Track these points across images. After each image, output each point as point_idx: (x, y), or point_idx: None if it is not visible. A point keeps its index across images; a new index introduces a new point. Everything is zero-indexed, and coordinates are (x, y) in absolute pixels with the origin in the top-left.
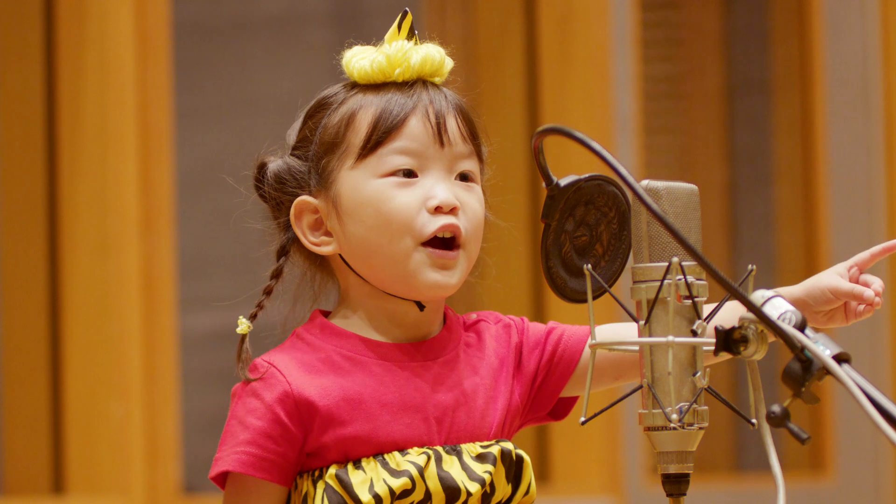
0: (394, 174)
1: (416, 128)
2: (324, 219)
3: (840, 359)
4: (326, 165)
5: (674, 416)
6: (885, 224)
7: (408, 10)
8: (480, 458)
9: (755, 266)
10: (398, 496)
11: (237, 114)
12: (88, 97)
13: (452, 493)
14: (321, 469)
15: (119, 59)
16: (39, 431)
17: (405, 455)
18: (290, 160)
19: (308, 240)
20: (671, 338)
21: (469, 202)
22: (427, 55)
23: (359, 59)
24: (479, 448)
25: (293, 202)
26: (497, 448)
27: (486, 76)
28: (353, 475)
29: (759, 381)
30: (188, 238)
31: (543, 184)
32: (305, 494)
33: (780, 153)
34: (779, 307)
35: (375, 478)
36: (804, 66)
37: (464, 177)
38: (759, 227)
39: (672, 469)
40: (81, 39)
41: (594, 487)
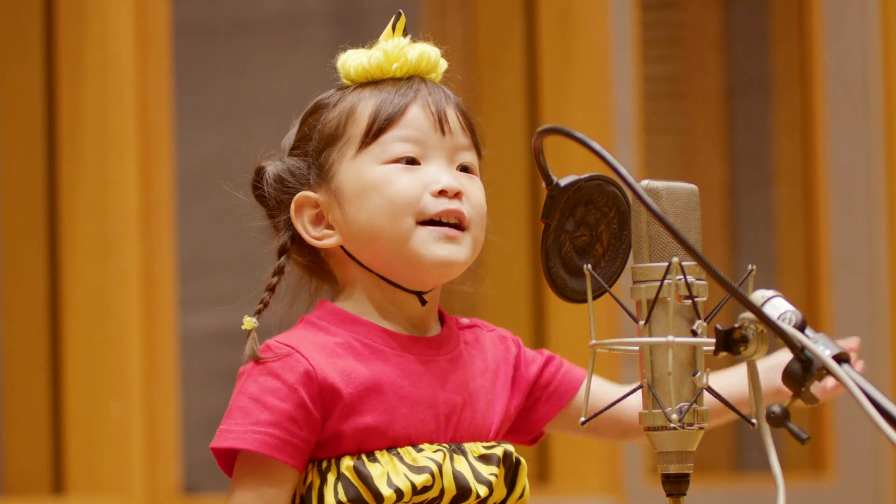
0: (396, 161)
1: (417, 116)
2: (325, 212)
3: (840, 359)
4: (327, 158)
5: (674, 416)
6: (885, 224)
7: (401, 12)
8: (484, 459)
9: (755, 266)
10: (418, 491)
11: (237, 114)
12: (88, 97)
13: (463, 493)
14: (329, 460)
15: (119, 59)
16: (39, 431)
17: (420, 451)
18: (289, 160)
19: (310, 234)
20: (671, 338)
21: (472, 189)
22: (423, 52)
23: (354, 59)
24: (482, 448)
25: (293, 199)
26: (500, 450)
27: (486, 76)
28: (371, 468)
29: (759, 381)
30: (188, 238)
31: (543, 184)
32: (310, 485)
33: (780, 153)
34: (779, 307)
35: (393, 472)
36: (804, 66)
37: (464, 168)
38: (759, 227)
39: (672, 469)
40: (81, 39)
41: (594, 487)
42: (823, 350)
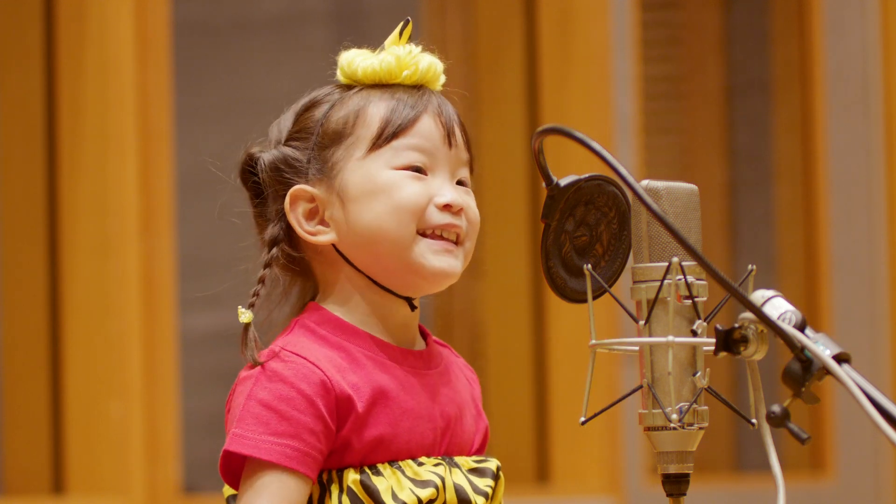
0: (406, 168)
1: (429, 127)
2: (321, 208)
3: (840, 359)
4: (332, 155)
5: (674, 416)
6: (885, 224)
7: (409, 19)
8: (478, 472)
9: (755, 266)
10: None
11: (237, 114)
12: (88, 97)
13: None
14: (330, 472)
15: (119, 59)
16: (39, 431)
17: (420, 465)
18: (287, 149)
19: (304, 228)
20: (671, 338)
21: (470, 206)
22: (432, 63)
23: (364, 59)
24: (472, 462)
25: (286, 191)
26: (493, 465)
27: (486, 76)
28: (377, 482)
29: (759, 381)
30: (188, 238)
31: (543, 184)
32: (310, 497)
33: (780, 153)
34: (779, 307)
35: (397, 486)
36: (804, 66)
37: (460, 183)
38: (759, 227)
39: (672, 469)
40: (81, 39)
41: (594, 487)
42: (823, 350)
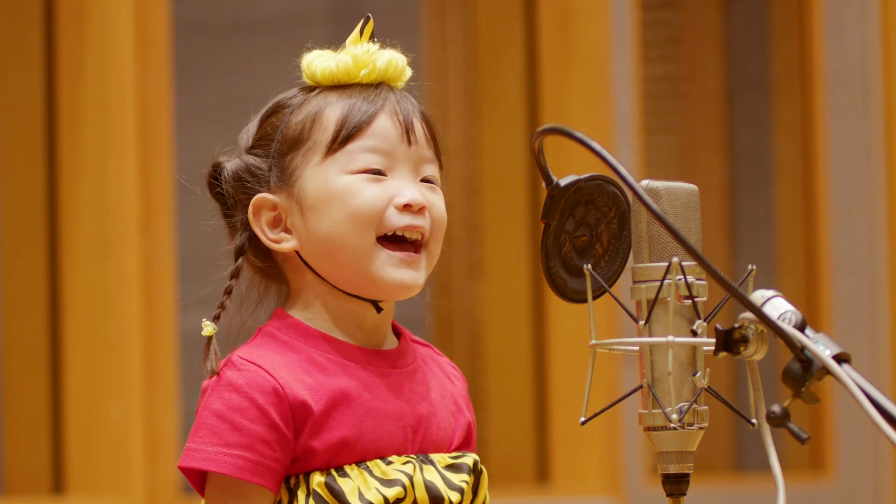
0: (362, 172)
1: (385, 125)
2: (283, 215)
3: (840, 359)
4: (290, 162)
5: (674, 416)
6: (885, 224)
7: (370, 16)
8: (454, 468)
9: (755, 266)
10: None
11: (237, 114)
12: (88, 97)
13: (436, 502)
14: (297, 476)
15: (119, 59)
16: (39, 431)
17: (389, 464)
18: (249, 158)
19: (267, 237)
20: (671, 338)
21: (435, 202)
22: (392, 59)
23: (322, 61)
24: (449, 458)
25: (250, 200)
26: (470, 459)
27: (486, 76)
28: (342, 483)
29: (759, 381)
30: (188, 238)
31: (543, 184)
32: (279, 502)
33: (780, 153)
34: (779, 307)
35: (364, 486)
36: (804, 66)
37: (426, 180)
38: (759, 227)
39: (672, 469)
40: (81, 39)
41: (594, 487)
42: (823, 350)
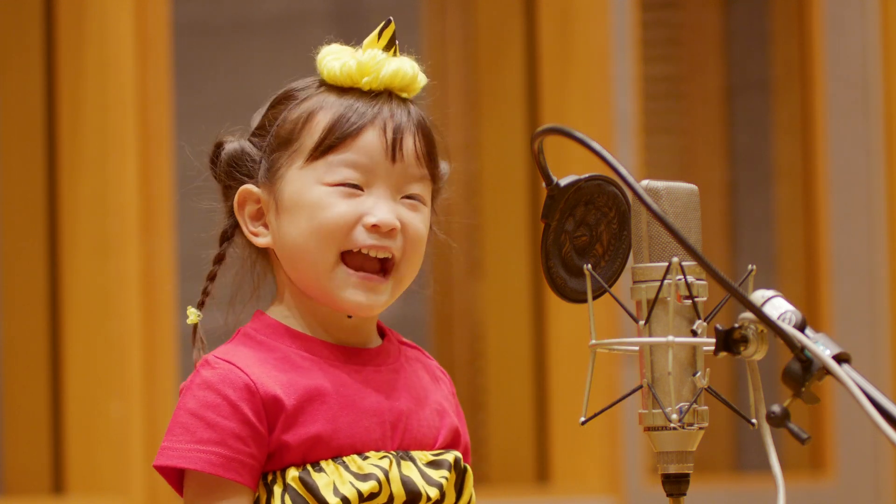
0: (338, 185)
1: (370, 141)
2: (264, 210)
3: (840, 359)
4: (277, 160)
5: (674, 416)
6: (885, 224)
7: (391, 20)
8: (434, 465)
9: (755, 266)
10: (365, 499)
11: (237, 114)
12: (88, 97)
13: (413, 497)
14: (275, 472)
15: (119, 59)
16: (39, 431)
17: (365, 459)
18: (246, 144)
19: (248, 228)
20: (671, 338)
21: (411, 222)
22: (399, 69)
23: (331, 60)
24: (431, 456)
25: (238, 189)
26: (451, 456)
27: (486, 76)
28: (317, 478)
29: (759, 381)
30: (188, 238)
31: (543, 184)
32: (257, 499)
33: (780, 153)
34: (779, 307)
35: (339, 481)
36: (804, 66)
37: (410, 198)
38: (759, 227)
39: (672, 469)
40: (81, 39)
41: (594, 487)
42: (823, 350)
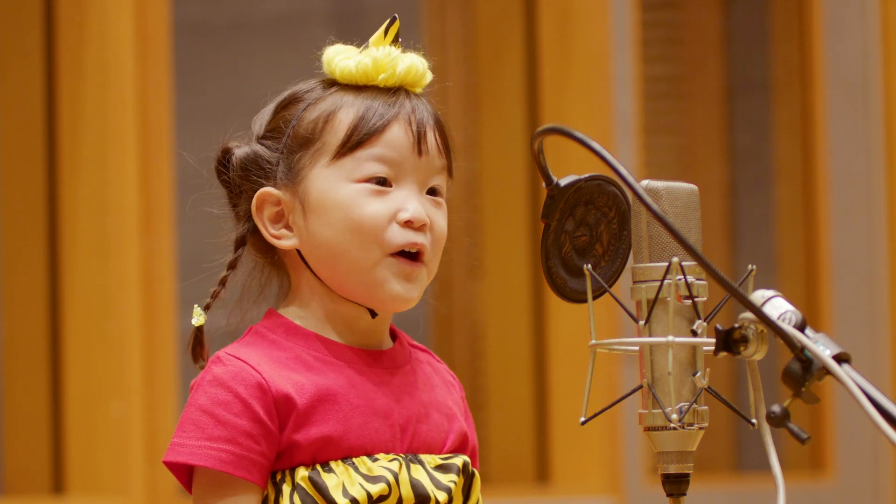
0: (368, 181)
1: (397, 135)
2: (286, 212)
3: (840, 359)
4: (299, 160)
5: (674, 416)
6: (885, 224)
7: (396, 17)
8: (443, 469)
9: (755, 266)
10: (374, 501)
11: (237, 114)
12: (88, 97)
13: (422, 501)
14: (283, 472)
15: (119, 59)
16: (39, 431)
17: (375, 461)
18: (259, 148)
19: (269, 232)
20: (671, 338)
21: (437, 220)
22: (412, 64)
23: (343, 59)
24: (440, 460)
25: (255, 192)
26: (460, 460)
27: (486, 76)
28: (326, 478)
29: (759, 381)
30: (188, 238)
31: (543, 184)
32: (265, 498)
33: (780, 153)
34: (779, 307)
35: (348, 482)
36: (804, 66)
37: (433, 191)
38: (759, 227)
39: (672, 469)
40: (81, 39)
41: (594, 487)
42: (823, 350)
